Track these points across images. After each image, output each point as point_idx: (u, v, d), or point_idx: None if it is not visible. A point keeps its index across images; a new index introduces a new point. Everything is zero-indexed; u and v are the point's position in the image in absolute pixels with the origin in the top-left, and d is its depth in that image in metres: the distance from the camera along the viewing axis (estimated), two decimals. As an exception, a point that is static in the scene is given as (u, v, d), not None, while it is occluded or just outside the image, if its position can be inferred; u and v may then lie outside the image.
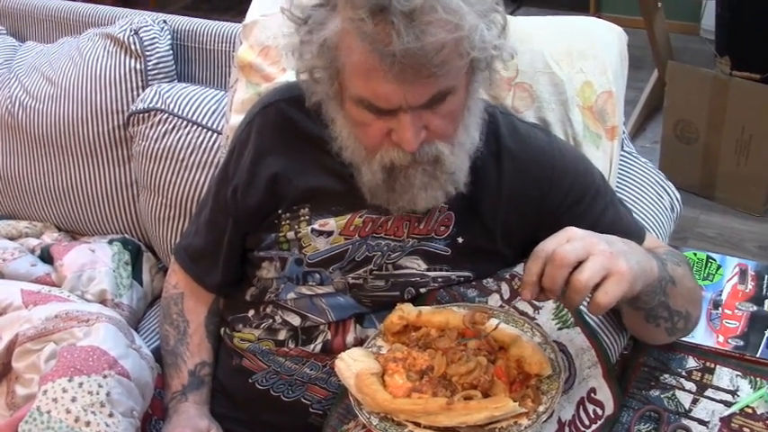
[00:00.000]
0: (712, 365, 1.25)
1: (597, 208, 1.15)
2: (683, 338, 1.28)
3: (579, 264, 0.89)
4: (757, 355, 1.27)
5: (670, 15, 3.02)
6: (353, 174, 1.11)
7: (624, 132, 1.45)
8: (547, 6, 3.92)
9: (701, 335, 1.31)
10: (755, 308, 1.36)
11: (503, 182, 1.14)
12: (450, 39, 0.93)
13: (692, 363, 1.26)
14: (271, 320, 1.22)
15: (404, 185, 1.06)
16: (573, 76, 1.33)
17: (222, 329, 1.30)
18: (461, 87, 1.02)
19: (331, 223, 1.17)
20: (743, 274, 1.45)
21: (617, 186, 1.39)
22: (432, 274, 1.17)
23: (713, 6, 2.82)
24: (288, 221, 1.19)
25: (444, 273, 1.17)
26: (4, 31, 1.98)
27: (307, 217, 1.18)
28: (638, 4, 2.84)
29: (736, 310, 1.36)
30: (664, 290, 1.02)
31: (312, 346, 1.19)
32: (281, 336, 1.21)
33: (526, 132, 1.18)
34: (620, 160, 1.41)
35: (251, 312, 1.24)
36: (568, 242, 0.91)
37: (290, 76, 1.35)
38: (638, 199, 1.40)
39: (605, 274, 0.89)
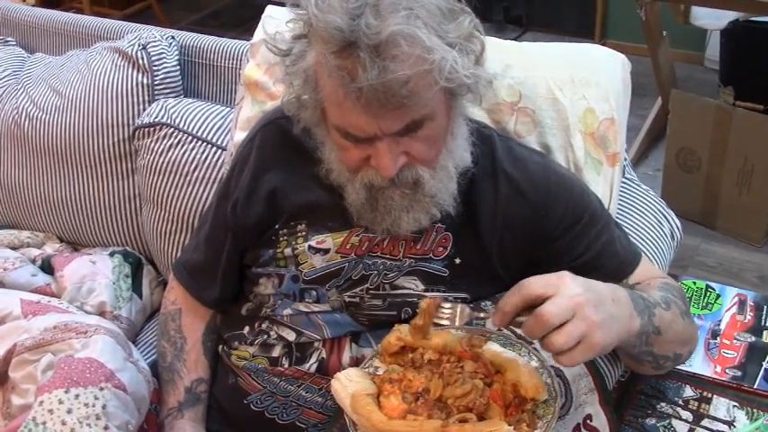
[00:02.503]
0: (709, 395, 1.25)
1: (592, 232, 1.15)
2: (681, 367, 1.28)
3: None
4: (755, 386, 1.27)
5: (675, 44, 3.04)
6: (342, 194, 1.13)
7: (626, 159, 1.46)
8: (553, 32, 3.95)
9: (699, 364, 1.31)
10: (754, 338, 1.36)
11: (499, 204, 1.15)
12: (414, 72, 0.94)
13: (689, 392, 1.26)
14: (265, 336, 1.22)
15: (385, 207, 1.08)
16: (575, 103, 1.33)
17: (220, 347, 1.30)
18: (441, 113, 1.04)
19: (328, 241, 1.17)
20: (742, 304, 1.45)
21: (618, 213, 1.39)
22: (429, 294, 1.17)
23: (718, 36, 2.84)
24: (285, 237, 1.20)
25: (441, 294, 1.17)
26: (14, 43, 2.00)
27: (304, 233, 1.19)
28: (643, 32, 2.85)
29: (735, 341, 1.36)
30: (646, 341, 1.02)
31: (307, 365, 1.19)
32: (276, 352, 1.21)
33: (522, 155, 1.19)
34: (622, 187, 1.42)
35: (246, 329, 1.24)
36: (558, 296, 0.90)
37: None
38: (639, 226, 1.40)
39: (579, 340, 0.90)
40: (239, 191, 1.22)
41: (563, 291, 0.91)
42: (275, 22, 1.23)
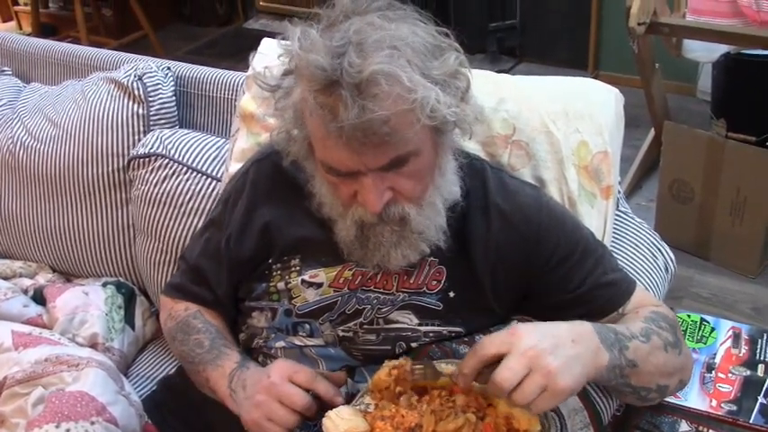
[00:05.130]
0: (705, 430, 1.24)
1: (586, 266, 1.15)
2: (676, 401, 1.28)
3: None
4: (750, 421, 1.26)
5: (667, 76, 3.06)
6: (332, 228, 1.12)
7: (620, 192, 1.47)
8: (546, 63, 3.98)
9: (694, 398, 1.30)
10: (749, 372, 1.36)
11: (491, 237, 1.15)
12: (394, 111, 0.95)
13: (684, 427, 1.25)
14: (261, 371, 1.20)
15: (375, 243, 1.08)
16: (569, 136, 1.34)
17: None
18: (427, 149, 1.04)
19: (321, 275, 1.17)
20: (736, 337, 1.44)
21: (611, 246, 1.39)
22: (423, 328, 1.16)
23: (710, 69, 2.86)
24: (279, 272, 1.19)
25: (436, 327, 1.17)
26: (10, 72, 2.01)
27: (297, 267, 1.18)
28: (636, 64, 2.88)
29: (730, 375, 1.36)
30: (621, 374, 1.03)
31: (302, 399, 1.17)
32: (271, 387, 1.19)
33: (514, 188, 1.20)
34: (616, 220, 1.42)
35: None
36: (510, 356, 0.93)
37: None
38: (633, 259, 1.40)
39: (542, 391, 0.93)
40: (233, 225, 1.22)
41: (516, 347, 0.94)
42: (266, 59, 1.24)
